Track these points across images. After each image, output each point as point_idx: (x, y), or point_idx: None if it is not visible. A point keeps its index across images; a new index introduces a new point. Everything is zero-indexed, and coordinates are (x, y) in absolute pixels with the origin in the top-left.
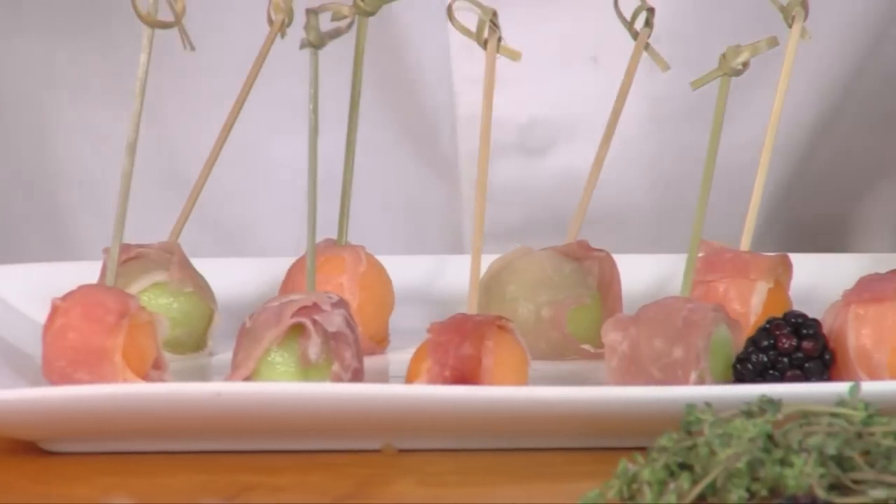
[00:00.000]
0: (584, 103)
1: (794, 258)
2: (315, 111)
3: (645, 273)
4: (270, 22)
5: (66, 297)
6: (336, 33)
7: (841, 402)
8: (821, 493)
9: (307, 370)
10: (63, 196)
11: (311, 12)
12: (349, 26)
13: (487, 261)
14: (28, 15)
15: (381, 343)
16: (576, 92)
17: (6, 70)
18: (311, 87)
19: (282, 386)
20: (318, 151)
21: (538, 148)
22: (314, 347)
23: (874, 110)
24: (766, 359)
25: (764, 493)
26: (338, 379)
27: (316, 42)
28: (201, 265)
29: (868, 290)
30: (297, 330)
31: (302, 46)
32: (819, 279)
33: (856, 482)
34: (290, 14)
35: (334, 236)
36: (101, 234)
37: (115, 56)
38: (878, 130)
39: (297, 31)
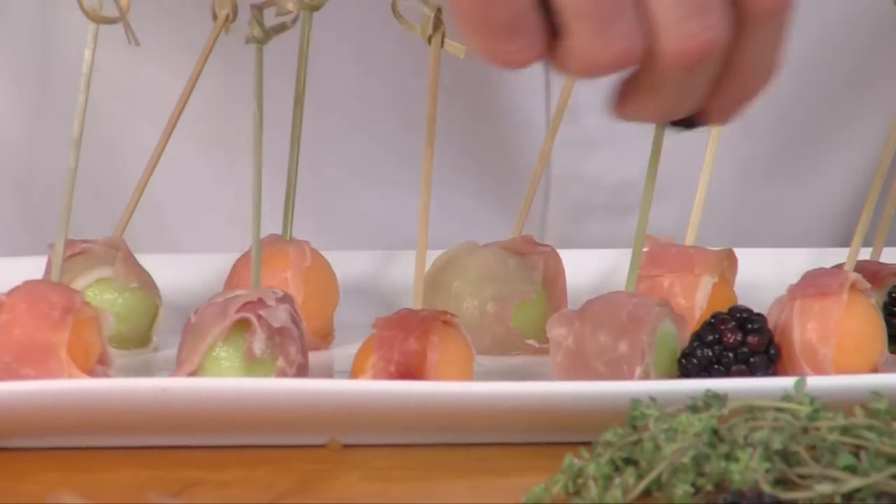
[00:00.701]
0: (672, 163)
1: (739, 253)
2: (260, 107)
3: (590, 268)
4: (215, 17)
5: (10, 293)
6: (280, 28)
7: (786, 397)
8: (766, 488)
9: (252, 365)
10: (33, 190)
11: (256, 7)
12: (294, 21)
13: (432, 256)
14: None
15: (325, 338)
16: (665, 152)
17: None
18: (255, 83)
19: (227, 381)
20: (262, 147)
21: (626, 208)
22: (259, 342)
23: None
24: (711, 353)
25: (709, 487)
26: (283, 374)
27: (260, 37)
28: (146, 261)
29: (813, 284)
30: (242, 325)
31: (247, 42)
32: (764, 274)
33: (801, 477)
34: (234, 9)
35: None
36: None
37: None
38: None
39: (242, 27)
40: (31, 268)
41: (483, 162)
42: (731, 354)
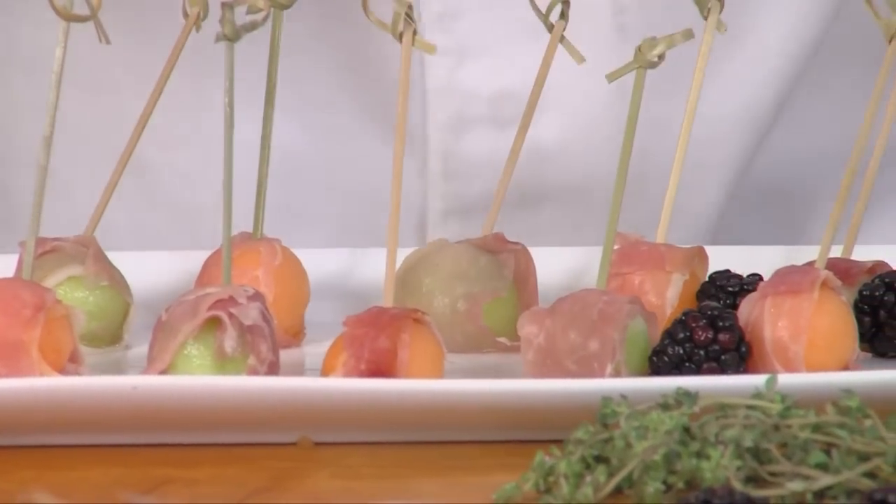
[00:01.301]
0: (553, 76)
1: (710, 250)
2: (230, 104)
3: (561, 266)
4: (186, 15)
5: None
6: (251, 26)
7: (758, 395)
8: (738, 486)
9: (223, 363)
10: (12, 181)
11: (226, 6)
12: (265, 19)
13: (403, 254)
14: None
15: (296, 336)
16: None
17: None
18: (225, 81)
19: (198, 379)
20: (233, 144)
21: (507, 120)
22: (230, 341)
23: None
24: (682, 351)
25: (681, 485)
26: (254, 372)
27: (231, 35)
28: (117, 258)
29: (784, 282)
30: (213, 323)
31: (217, 40)
32: (735, 271)
33: (773, 474)
34: (205, 7)
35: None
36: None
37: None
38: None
39: (213, 25)
40: (2, 266)
41: (361, 79)
42: (702, 352)
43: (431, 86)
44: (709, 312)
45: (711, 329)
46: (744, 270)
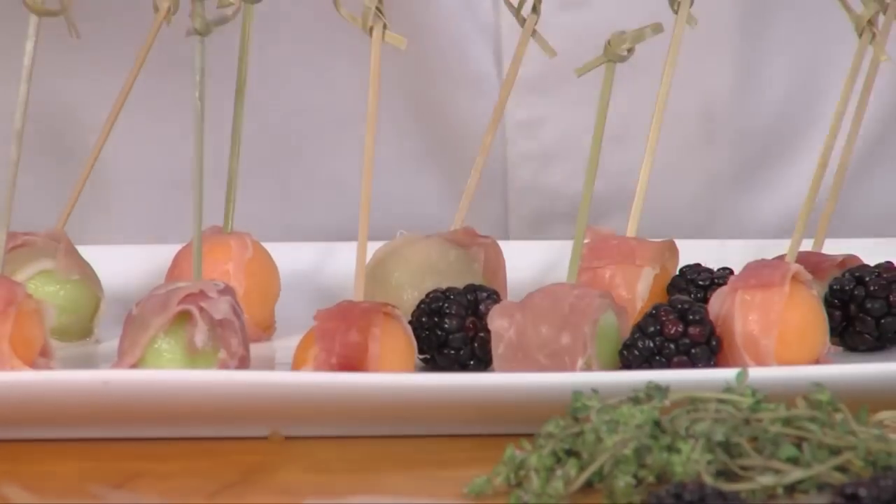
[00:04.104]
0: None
1: (680, 244)
2: (201, 98)
3: (530, 259)
4: (156, 9)
5: None
6: (222, 20)
7: (728, 389)
8: (708, 480)
9: (194, 357)
10: None
11: (197, 0)
12: (235, 14)
13: (373, 248)
14: None
15: (267, 330)
16: (632, 167)
17: None
18: (196, 76)
19: (169, 373)
20: (203, 139)
21: (592, 220)
22: (201, 335)
23: None
24: (652, 345)
25: (651, 479)
26: (224, 366)
27: (202, 30)
28: (88, 252)
29: (755, 276)
30: (184, 317)
31: (188, 34)
32: (705, 265)
33: (743, 468)
34: (175, 1)
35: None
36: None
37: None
38: None
39: (183, 18)
40: None
41: (450, 169)
42: (672, 346)
43: (515, 187)
44: (679, 306)
45: (682, 323)
46: (714, 264)
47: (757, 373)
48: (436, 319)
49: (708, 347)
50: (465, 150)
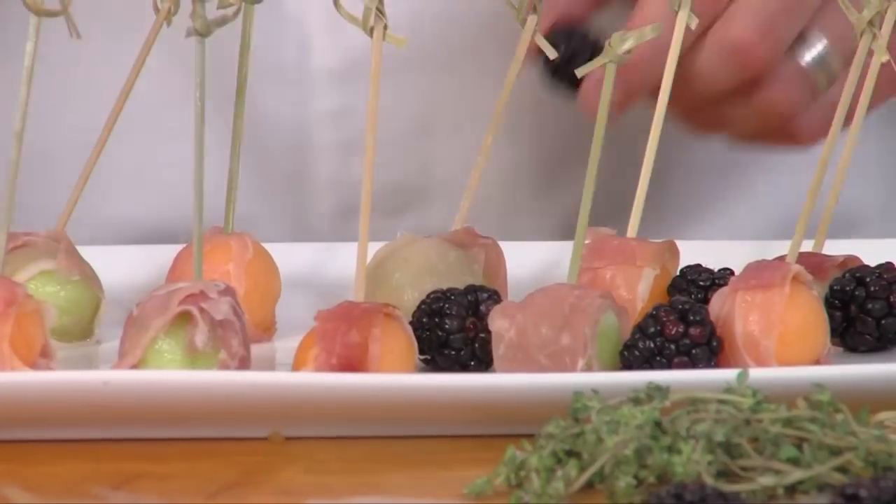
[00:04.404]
0: (443, 168)
1: (681, 244)
2: (202, 98)
3: (531, 260)
4: (157, 10)
5: None
6: (223, 21)
7: (729, 389)
8: (709, 480)
9: (194, 358)
10: None
11: (198, 0)
12: (235, 14)
13: (374, 248)
14: None
15: (267, 331)
16: (436, 157)
17: None
18: (196, 76)
19: (169, 374)
20: (203, 140)
21: (395, 209)
22: (201, 335)
23: None
24: (653, 345)
25: (652, 480)
26: (224, 367)
27: (202, 30)
28: (88, 253)
29: (755, 276)
30: (184, 318)
31: (188, 35)
32: (706, 265)
33: (744, 469)
34: (176, 2)
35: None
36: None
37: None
38: None
39: (184, 19)
40: None
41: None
42: (672, 346)
43: (324, 178)
44: (680, 307)
45: (682, 323)
46: (715, 265)
47: (757, 373)
48: (436, 320)
49: (708, 348)
50: (270, 140)
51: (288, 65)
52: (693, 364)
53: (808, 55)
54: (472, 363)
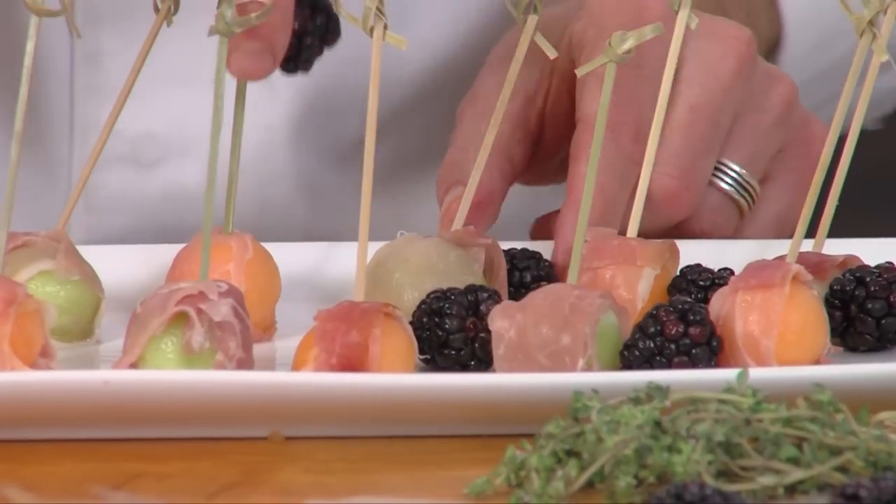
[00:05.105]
0: (199, 121)
1: (681, 244)
2: (220, 98)
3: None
4: (156, 10)
5: None
6: (245, 22)
7: (729, 389)
8: (709, 480)
9: (190, 359)
10: None
11: (225, 1)
12: (260, 17)
13: (374, 248)
14: None
15: (267, 331)
16: (192, 110)
17: None
18: (215, 76)
19: (169, 374)
20: (219, 140)
21: (150, 162)
22: (197, 336)
23: None
24: (653, 345)
25: (652, 479)
26: (221, 368)
27: (223, 31)
28: (88, 252)
29: (755, 276)
30: (183, 318)
31: (210, 34)
32: (706, 265)
33: (744, 469)
34: (176, 2)
35: None
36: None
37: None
38: None
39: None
40: None
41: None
42: (673, 346)
43: (79, 123)
44: (680, 307)
45: (682, 323)
46: (715, 265)
47: (757, 373)
48: (436, 320)
49: (708, 348)
50: None
51: None
52: (693, 364)
53: (727, 181)
54: (472, 363)
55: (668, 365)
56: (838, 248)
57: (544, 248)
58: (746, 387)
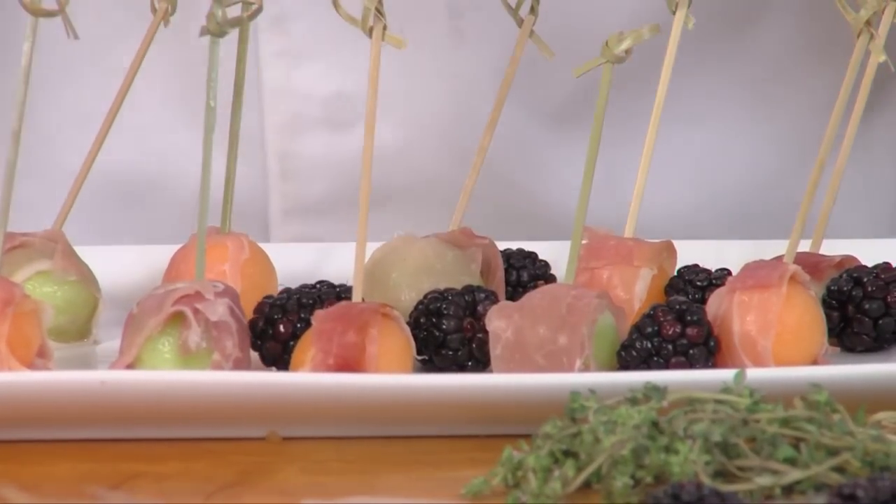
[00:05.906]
0: (390, 80)
1: (678, 244)
2: (214, 99)
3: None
4: (154, 10)
5: None
6: (236, 22)
7: (726, 389)
8: (706, 480)
9: (187, 359)
10: None
11: (216, 1)
12: (251, 16)
13: (371, 248)
14: None
15: None
16: (382, 68)
17: None
18: (209, 76)
19: (166, 374)
20: (212, 140)
21: (343, 123)
22: (194, 336)
23: None
24: (650, 345)
25: (649, 480)
26: (218, 368)
27: (215, 31)
28: (86, 253)
29: (752, 276)
30: (179, 318)
31: (201, 34)
32: (703, 265)
33: (741, 469)
34: (173, 2)
35: None
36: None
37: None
38: None
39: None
40: None
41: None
42: (670, 346)
43: (268, 87)
44: (677, 307)
45: (680, 323)
46: (712, 265)
47: (755, 373)
48: (434, 320)
49: (706, 348)
50: None
51: None
52: (690, 364)
53: None
54: (470, 363)
55: (666, 365)
56: (835, 248)
57: (540, 248)
58: (744, 387)
